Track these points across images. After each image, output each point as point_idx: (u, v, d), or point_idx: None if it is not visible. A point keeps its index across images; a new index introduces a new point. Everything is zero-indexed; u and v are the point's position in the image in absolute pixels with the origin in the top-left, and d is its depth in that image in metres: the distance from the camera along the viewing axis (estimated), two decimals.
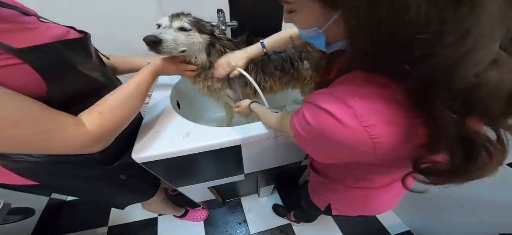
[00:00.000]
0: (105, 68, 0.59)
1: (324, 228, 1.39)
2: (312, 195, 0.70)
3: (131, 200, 0.84)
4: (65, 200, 1.50)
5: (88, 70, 0.49)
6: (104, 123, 0.46)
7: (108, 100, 0.49)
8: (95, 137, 0.44)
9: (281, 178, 1.40)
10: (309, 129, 0.29)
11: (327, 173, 0.57)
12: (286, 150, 0.85)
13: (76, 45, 0.47)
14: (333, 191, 0.58)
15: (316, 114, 0.27)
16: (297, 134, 0.32)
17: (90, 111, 0.46)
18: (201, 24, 0.68)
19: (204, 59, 0.71)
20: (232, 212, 1.45)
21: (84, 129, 0.42)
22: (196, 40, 0.66)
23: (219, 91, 0.81)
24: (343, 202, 0.59)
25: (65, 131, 0.39)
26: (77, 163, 0.54)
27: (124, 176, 0.68)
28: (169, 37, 0.58)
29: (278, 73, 0.88)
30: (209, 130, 0.64)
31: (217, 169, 0.82)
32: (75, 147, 0.41)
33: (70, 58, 0.44)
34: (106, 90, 0.54)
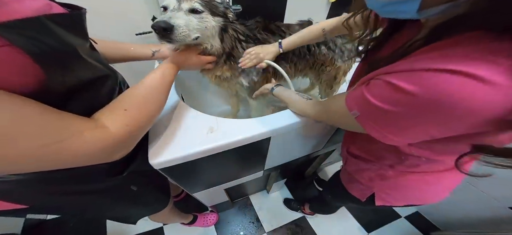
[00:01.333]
0: (97, 54, 0.48)
1: (338, 216, 1.37)
2: (349, 184, 0.64)
3: (144, 212, 0.74)
4: (44, 219, 1.29)
5: (87, 55, 0.38)
6: (132, 123, 0.37)
7: (133, 95, 0.41)
8: (121, 140, 0.35)
9: (292, 171, 1.36)
10: (406, 100, 0.25)
11: (374, 159, 0.51)
12: (308, 141, 0.79)
13: (70, 22, 0.35)
14: (380, 178, 0.52)
15: (431, 79, 0.23)
16: (371, 110, 0.30)
17: (112, 109, 0.37)
18: (213, 5, 0.58)
19: (218, 46, 0.62)
20: (243, 212, 1.38)
21: (106, 133, 0.33)
22: (210, 24, 0.57)
23: (230, 80, 0.73)
24: (393, 190, 0.52)
25: (80, 138, 0.30)
26: (78, 177, 0.44)
27: (135, 187, 0.58)
28: (180, 22, 0.49)
29: (295, 58, 0.82)
30: (234, 124, 0.56)
31: (239, 168, 0.74)
32: (95, 156, 0.32)
33: (67, 38, 0.33)
34: (109, 81, 0.45)
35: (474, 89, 0.21)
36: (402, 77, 0.26)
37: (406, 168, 0.46)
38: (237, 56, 0.68)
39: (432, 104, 0.24)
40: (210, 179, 0.73)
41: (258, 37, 0.73)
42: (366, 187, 0.57)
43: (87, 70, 0.38)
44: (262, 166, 0.80)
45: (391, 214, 1.40)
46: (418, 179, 0.47)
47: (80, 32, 0.38)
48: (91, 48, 0.46)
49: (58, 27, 0.31)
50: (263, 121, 0.57)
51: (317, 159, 1.21)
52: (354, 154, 0.58)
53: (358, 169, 0.57)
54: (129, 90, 0.42)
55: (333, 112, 0.43)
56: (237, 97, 1.05)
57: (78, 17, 0.37)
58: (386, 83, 0.28)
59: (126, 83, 0.58)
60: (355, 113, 0.33)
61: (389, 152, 0.46)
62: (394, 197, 0.54)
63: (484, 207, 1.02)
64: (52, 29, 0.30)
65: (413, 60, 0.26)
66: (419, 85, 0.24)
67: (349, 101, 0.35)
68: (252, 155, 0.67)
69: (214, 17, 0.58)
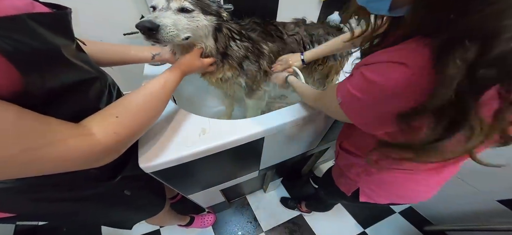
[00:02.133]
0: (85, 56, 0.46)
1: (334, 213, 1.39)
2: (338, 179, 0.66)
3: (140, 217, 0.73)
4: (36, 224, 1.26)
5: (72, 57, 0.36)
6: (122, 131, 0.36)
7: (128, 101, 0.39)
8: (108, 148, 0.34)
9: (288, 169, 1.36)
10: (370, 88, 0.30)
11: (362, 153, 0.52)
12: (302, 139, 0.80)
13: (55, 22, 0.34)
14: (365, 173, 0.54)
15: (381, 68, 0.29)
16: (350, 99, 0.34)
17: (103, 115, 0.36)
18: (205, 3, 0.56)
19: (212, 46, 0.61)
20: (240, 212, 1.38)
21: (92, 140, 0.32)
22: (201, 23, 0.55)
23: (230, 80, 0.72)
24: (377, 185, 0.54)
25: (63, 145, 0.28)
26: (67, 183, 0.43)
27: (129, 192, 0.57)
28: (168, 22, 0.48)
29: None
30: (227, 124, 0.56)
31: (234, 169, 0.74)
32: (79, 163, 0.31)
33: (50, 38, 0.31)
34: (97, 84, 0.43)
35: (402, 72, 0.26)
36: (370, 68, 0.30)
37: (389, 164, 0.47)
38: (233, 55, 0.67)
39: (384, 89, 0.28)
40: (205, 180, 0.73)
41: (252, 37, 0.73)
42: (352, 182, 0.59)
43: (72, 72, 0.36)
44: (258, 165, 0.80)
45: (386, 210, 1.42)
46: (400, 176, 0.49)
47: (65, 32, 0.37)
48: (78, 49, 0.44)
49: (40, 27, 0.30)
50: (256, 121, 0.57)
51: (312, 157, 1.21)
52: (345, 149, 0.59)
53: (347, 163, 0.59)
54: (127, 96, 0.41)
55: (327, 99, 0.46)
56: (232, 97, 1.04)
57: (62, 16, 0.36)
58: (361, 74, 0.31)
59: (117, 86, 0.57)
60: (339, 100, 0.37)
61: (373, 146, 0.47)
62: (378, 194, 0.56)
63: (474, 201, 1.05)
64: (33, 29, 0.29)
65: (379, 54, 0.30)
66: (376, 73, 0.29)
67: (337, 89, 0.39)
68: (247, 155, 0.67)
69: (206, 16, 0.56)
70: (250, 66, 0.71)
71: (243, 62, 0.70)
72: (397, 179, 0.50)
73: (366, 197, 0.58)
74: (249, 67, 0.71)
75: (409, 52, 0.26)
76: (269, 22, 0.80)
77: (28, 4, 0.32)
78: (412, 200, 0.55)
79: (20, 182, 0.36)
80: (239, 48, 0.67)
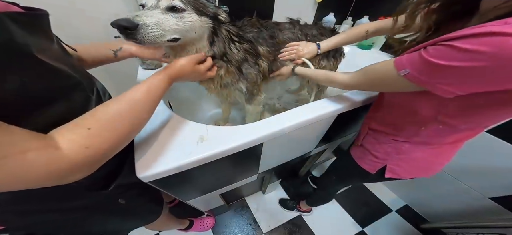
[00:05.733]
0: (70, 59, 0.43)
1: (333, 213, 1.40)
2: (361, 159, 0.69)
3: (136, 225, 0.72)
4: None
5: (51, 59, 0.33)
6: (95, 144, 0.31)
7: (103, 111, 0.35)
8: (78, 164, 0.29)
9: (286, 171, 1.37)
10: (470, 56, 0.30)
11: (393, 131, 0.57)
12: (301, 142, 0.80)
13: (29, 22, 0.32)
14: (395, 151, 0.58)
15: (493, 40, 0.29)
16: (428, 68, 0.35)
17: (73, 125, 0.31)
18: (200, 3, 0.52)
19: (206, 50, 0.58)
20: (239, 214, 1.38)
21: (55, 155, 0.27)
22: (194, 24, 0.51)
23: (229, 86, 0.71)
24: (403, 163, 0.58)
25: (21, 159, 0.24)
26: (56, 194, 0.41)
27: (124, 201, 0.56)
28: (150, 21, 0.43)
29: None
30: (225, 131, 0.56)
31: (233, 173, 0.74)
32: (40, 179, 0.27)
33: (21, 39, 0.29)
34: (80, 90, 0.40)
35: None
36: (466, 41, 0.31)
37: (422, 139, 0.52)
38: (232, 58, 0.64)
39: (492, 59, 0.29)
40: (204, 186, 0.73)
41: (250, 38, 0.71)
42: (379, 160, 0.63)
43: (47, 75, 0.33)
44: (256, 169, 0.80)
45: (383, 208, 1.45)
46: (427, 152, 0.54)
47: (42, 33, 0.35)
48: (64, 52, 0.42)
49: (14, 25, 0.28)
50: (255, 127, 0.57)
51: (309, 159, 1.22)
52: (375, 129, 0.63)
53: (376, 142, 0.63)
54: (104, 104, 0.36)
55: (378, 75, 0.48)
56: (227, 103, 1.04)
57: (39, 17, 0.34)
58: (449, 47, 0.32)
59: (108, 93, 0.55)
60: (405, 71, 0.39)
61: (410, 124, 0.53)
62: (405, 169, 0.59)
63: (468, 199, 1.07)
64: (4, 25, 0.27)
65: (472, 29, 0.31)
66: (477, 44, 0.29)
67: (398, 62, 0.41)
68: (246, 160, 0.67)
69: (200, 16, 0.52)
70: (250, 69, 0.70)
71: (242, 65, 0.68)
72: (426, 153, 0.54)
73: (391, 173, 0.62)
74: (249, 71, 0.70)
75: None
76: (264, 21, 0.79)
77: (4, 5, 0.31)
78: (431, 173, 0.60)
79: (5, 194, 0.34)
80: (239, 50, 0.65)
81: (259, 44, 0.72)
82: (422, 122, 0.49)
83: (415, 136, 0.53)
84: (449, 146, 0.53)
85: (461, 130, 0.46)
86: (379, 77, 0.48)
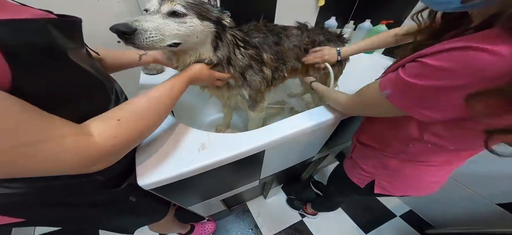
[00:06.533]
0: (95, 62, 0.47)
1: (336, 218, 1.38)
2: (351, 172, 0.67)
3: (143, 222, 0.73)
4: (32, 233, 1.24)
5: (81, 61, 0.37)
6: (122, 135, 0.35)
7: (132, 105, 0.39)
8: (105, 152, 0.32)
9: (288, 176, 1.36)
10: (437, 74, 0.30)
11: (380, 147, 0.55)
12: (303, 148, 0.80)
13: (67, 28, 0.35)
14: (382, 166, 0.56)
15: (453, 54, 0.28)
16: (404, 88, 0.34)
17: (105, 117, 0.35)
18: (203, 8, 0.52)
19: (209, 55, 0.57)
20: (241, 219, 1.37)
21: (90, 141, 0.30)
22: (196, 29, 0.50)
23: (231, 91, 0.70)
24: (394, 178, 0.56)
25: (60, 143, 0.27)
26: (74, 188, 0.42)
27: (134, 198, 0.56)
28: (149, 26, 0.43)
29: (293, 61, 0.82)
30: (226, 138, 0.55)
31: (234, 180, 0.74)
32: (72, 164, 0.29)
33: (60, 42, 0.32)
34: (101, 89, 0.43)
35: (484, 58, 0.25)
36: (433, 57, 0.30)
37: (409, 157, 0.50)
38: (237, 64, 0.63)
39: (453, 73, 0.28)
40: (205, 192, 0.72)
41: (256, 44, 0.70)
42: (367, 174, 0.61)
43: (77, 75, 0.36)
44: (258, 175, 0.80)
45: (387, 213, 1.42)
46: (416, 170, 0.51)
47: (75, 37, 0.38)
48: (88, 55, 0.45)
49: (54, 30, 0.31)
50: (256, 135, 0.56)
51: (311, 164, 1.21)
52: (363, 143, 0.61)
53: (363, 156, 0.61)
54: (132, 99, 0.40)
55: (366, 96, 0.47)
56: (228, 107, 1.03)
57: (75, 23, 0.38)
58: (421, 63, 0.32)
59: (124, 94, 0.57)
60: (387, 92, 0.38)
61: (396, 140, 0.50)
62: (394, 186, 0.57)
63: (474, 204, 1.05)
64: (45, 29, 0.30)
65: (443, 43, 0.30)
66: (445, 60, 0.29)
67: (382, 82, 0.39)
68: (248, 167, 0.67)
69: (202, 21, 0.51)
70: (254, 76, 0.69)
71: (246, 72, 0.67)
72: (416, 170, 0.51)
73: (380, 189, 0.60)
74: (253, 78, 0.68)
75: (493, 38, 0.26)
76: (271, 25, 0.78)
77: (44, 13, 0.35)
78: (424, 192, 0.57)
79: (28, 187, 0.36)
80: (244, 56, 0.64)
81: (264, 51, 0.71)
82: (409, 139, 0.46)
83: (403, 153, 0.50)
84: (443, 165, 0.49)
85: (451, 150, 0.43)
86: (369, 99, 0.45)
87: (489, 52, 0.25)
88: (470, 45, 0.27)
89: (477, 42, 0.26)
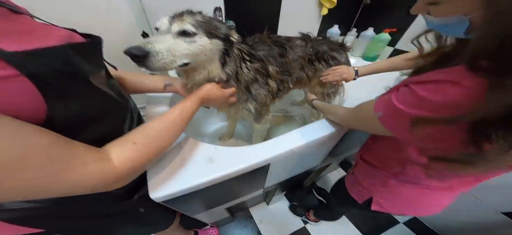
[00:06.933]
0: (113, 81, 0.47)
1: (339, 225, 1.38)
2: (351, 188, 0.68)
3: (151, 231, 0.75)
4: None
5: (101, 84, 0.38)
6: (137, 157, 0.37)
7: (147, 128, 0.41)
8: (122, 174, 0.34)
9: (291, 184, 1.37)
10: (420, 104, 0.31)
11: (381, 165, 0.56)
12: (307, 159, 0.80)
13: (88, 51, 0.36)
14: (381, 184, 0.57)
15: (429, 87, 0.30)
16: (394, 112, 0.35)
17: (123, 141, 0.37)
18: (212, 26, 0.52)
19: (217, 72, 0.58)
20: (243, 225, 1.37)
21: (109, 166, 0.32)
22: (204, 48, 0.51)
23: (237, 105, 0.71)
24: (390, 196, 0.57)
25: (83, 170, 0.29)
26: (90, 201, 0.44)
27: (143, 209, 0.58)
28: (160, 48, 0.44)
29: (298, 72, 0.83)
30: (233, 152, 0.57)
31: (239, 190, 0.75)
32: (93, 187, 0.31)
33: (82, 67, 0.33)
34: (118, 110, 0.45)
35: (453, 90, 0.27)
36: (423, 86, 0.31)
37: (408, 178, 0.50)
38: (242, 79, 0.64)
39: (435, 106, 0.29)
40: (211, 202, 0.73)
41: (262, 57, 0.70)
42: (366, 191, 0.62)
43: (97, 99, 0.37)
44: (262, 185, 0.81)
45: (390, 220, 1.42)
46: (415, 192, 0.52)
47: (96, 60, 0.39)
48: (107, 76, 0.45)
49: (76, 55, 0.32)
50: (262, 148, 0.57)
51: (314, 172, 1.22)
52: (365, 160, 0.62)
53: (364, 172, 0.62)
54: (148, 122, 0.42)
55: (362, 114, 0.47)
56: (232, 117, 1.04)
57: (96, 46, 0.39)
58: (410, 90, 0.33)
59: (137, 110, 0.59)
60: (379, 114, 0.38)
61: (396, 161, 0.51)
62: (392, 204, 0.58)
63: (478, 212, 1.05)
64: (70, 57, 0.31)
65: (434, 74, 0.31)
66: (426, 91, 0.30)
67: (377, 104, 0.40)
68: (253, 178, 0.68)
69: (211, 39, 0.52)
70: (260, 90, 0.69)
71: (252, 86, 0.68)
72: (410, 192, 0.52)
73: (377, 206, 0.61)
74: (259, 91, 0.69)
75: (463, 73, 0.27)
76: (275, 37, 0.79)
77: (68, 35, 0.35)
78: (423, 213, 0.57)
79: (48, 201, 0.38)
80: (249, 70, 0.65)
81: (270, 63, 0.72)
82: (406, 161, 0.47)
83: (401, 174, 0.50)
84: (444, 191, 0.49)
85: (452, 176, 0.43)
86: (364, 116, 0.46)
87: (461, 86, 0.26)
88: (446, 79, 0.28)
89: (452, 74, 0.28)
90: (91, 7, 0.76)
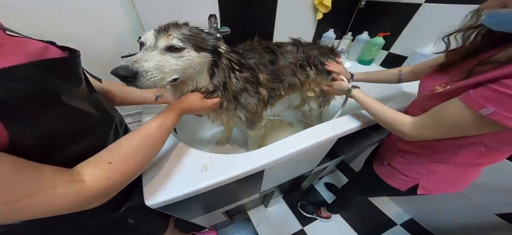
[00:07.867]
0: (95, 96, 0.45)
1: (335, 226, 1.40)
2: (390, 178, 0.71)
3: None
4: None
5: (77, 102, 0.36)
6: (114, 176, 0.35)
7: (122, 145, 0.39)
8: (97, 194, 0.33)
9: (289, 187, 1.38)
10: None
11: (428, 153, 0.58)
12: (303, 163, 0.82)
13: (62, 67, 0.34)
14: (428, 171, 0.60)
15: None
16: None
17: (96, 160, 0.35)
18: (200, 38, 0.51)
19: (205, 83, 0.57)
20: (242, 228, 1.38)
21: (80, 187, 0.31)
22: (192, 62, 0.50)
23: (228, 113, 0.71)
24: (438, 181, 0.61)
25: (51, 193, 0.28)
26: (76, 216, 0.41)
27: (132, 220, 0.58)
28: (149, 66, 0.42)
29: (290, 78, 0.84)
30: (227, 159, 0.58)
31: (235, 195, 0.76)
32: (66, 208, 0.30)
33: (52, 86, 0.31)
34: (101, 126, 0.44)
35: None
36: None
37: (458, 159, 0.54)
38: (230, 89, 0.64)
39: None
40: (207, 207, 0.74)
41: (252, 65, 0.70)
42: (411, 180, 0.65)
43: (71, 118, 0.35)
44: (259, 189, 0.82)
45: (388, 222, 1.43)
46: (459, 171, 0.57)
47: (73, 76, 0.37)
48: (90, 90, 0.43)
49: (45, 73, 0.30)
50: (256, 155, 0.58)
51: (311, 175, 1.23)
52: (405, 150, 0.65)
53: (407, 162, 0.65)
54: (123, 139, 0.40)
55: (447, 117, 0.45)
56: (228, 124, 1.05)
57: (73, 61, 0.36)
58: None
59: (124, 123, 0.58)
60: (487, 111, 0.37)
61: (449, 146, 0.53)
62: (439, 186, 0.62)
63: (474, 214, 1.06)
64: (37, 77, 0.29)
65: None
66: None
67: (475, 102, 0.38)
68: (248, 183, 0.69)
69: (199, 52, 0.50)
70: (249, 99, 0.69)
71: (241, 95, 0.67)
72: (459, 172, 0.57)
73: (424, 191, 0.64)
74: (248, 101, 0.69)
75: None
76: (265, 43, 0.79)
77: (40, 49, 0.33)
78: (459, 189, 0.62)
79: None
80: (238, 80, 0.64)
81: (260, 72, 0.71)
82: (465, 145, 0.50)
83: (453, 157, 0.54)
84: (482, 166, 0.55)
85: (503, 152, 0.48)
86: (451, 120, 0.43)
87: None
88: None
89: None
90: (85, 14, 0.76)
